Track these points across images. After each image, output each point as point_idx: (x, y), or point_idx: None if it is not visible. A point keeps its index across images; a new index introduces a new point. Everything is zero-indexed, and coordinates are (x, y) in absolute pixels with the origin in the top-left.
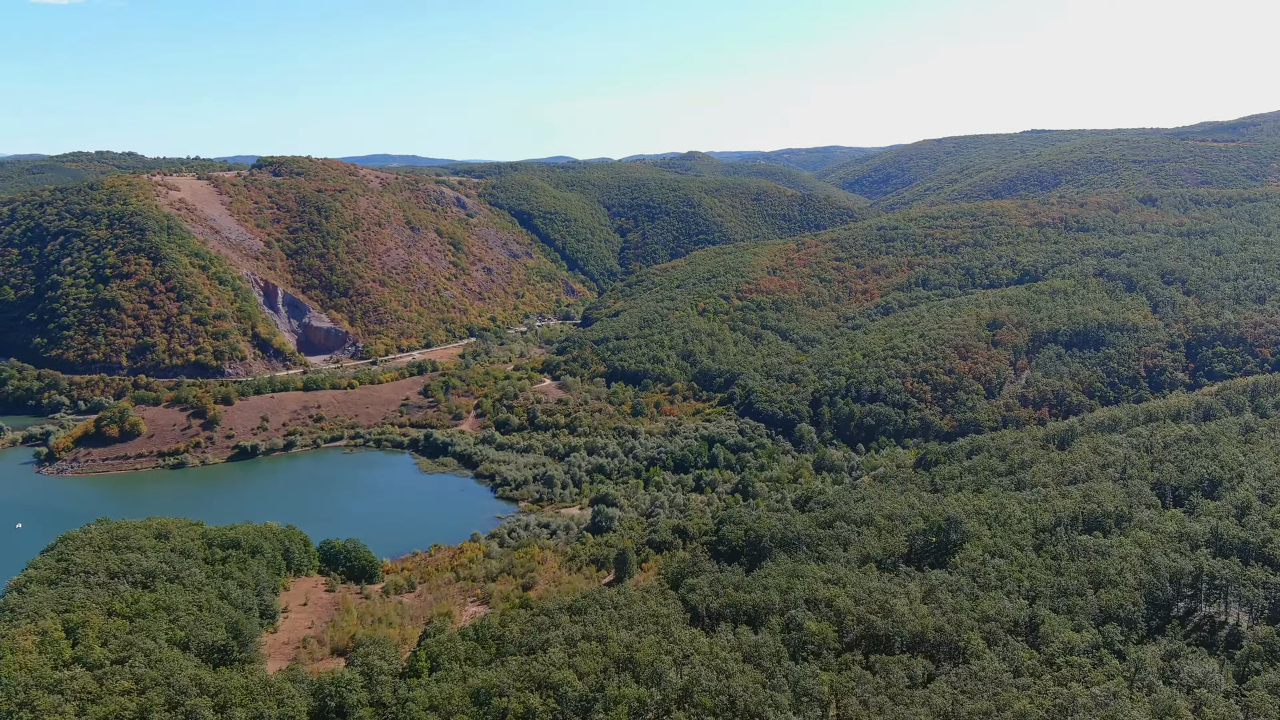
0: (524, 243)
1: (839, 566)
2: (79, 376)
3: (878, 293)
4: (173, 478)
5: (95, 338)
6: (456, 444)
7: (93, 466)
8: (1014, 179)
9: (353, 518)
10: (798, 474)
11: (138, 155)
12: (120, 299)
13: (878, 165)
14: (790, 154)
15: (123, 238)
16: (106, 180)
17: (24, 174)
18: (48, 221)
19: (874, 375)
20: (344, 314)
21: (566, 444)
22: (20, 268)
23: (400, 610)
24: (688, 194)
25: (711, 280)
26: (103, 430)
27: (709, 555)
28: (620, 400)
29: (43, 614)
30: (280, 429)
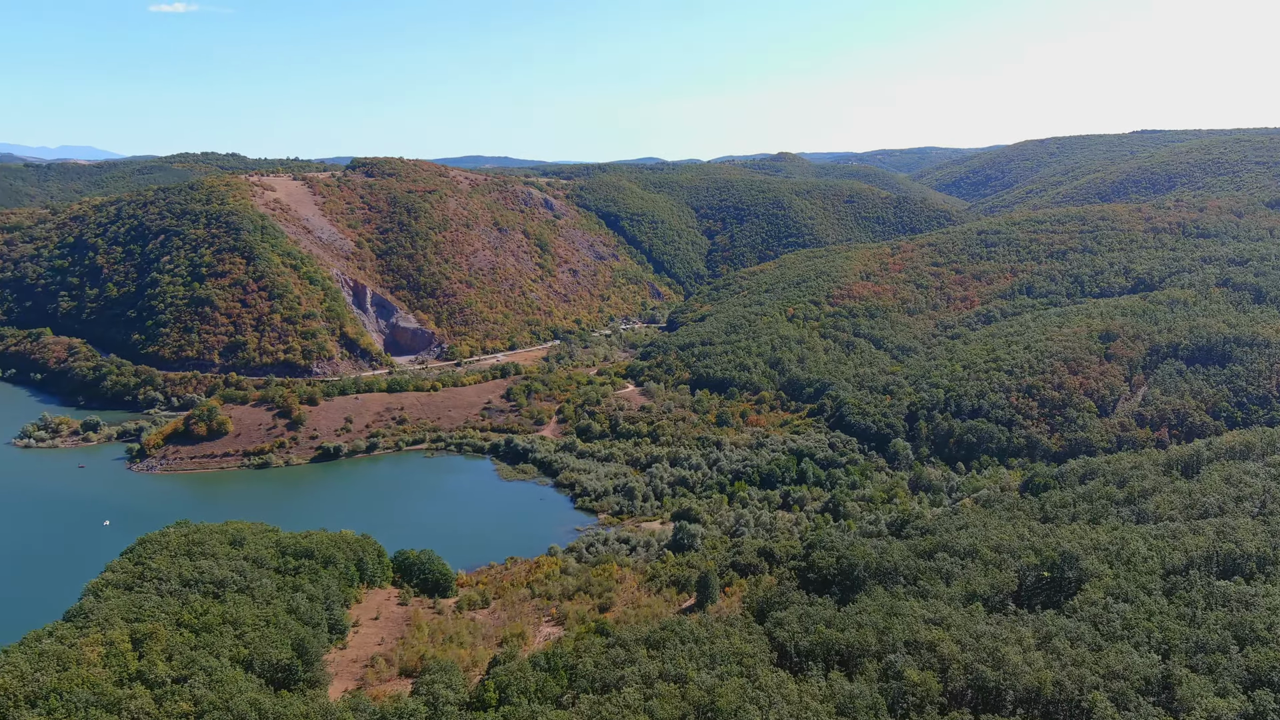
0: (610, 244)
1: (941, 604)
2: (173, 373)
3: (978, 300)
4: (256, 478)
5: (190, 335)
6: (537, 450)
7: (180, 464)
8: (1124, 181)
9: (429, 526)
10: (892, 494)
11: (240, 156)
12: (214, 297)
13: (976, 167)
14: (884, 155)
15: (219, 237)
16: (206, 180)
17: (135, 174)
18: (150, 221)
19: (975, 389)
20: (430, 315)
21: (648, 454)
22: (123, 265)
23: (472, 628)
24: (777, 195)
25: (801, 285)
26: (191, 428)
27: (797, 583)
28: (705, 409)
29: (113, 622)
30: (363, 430)
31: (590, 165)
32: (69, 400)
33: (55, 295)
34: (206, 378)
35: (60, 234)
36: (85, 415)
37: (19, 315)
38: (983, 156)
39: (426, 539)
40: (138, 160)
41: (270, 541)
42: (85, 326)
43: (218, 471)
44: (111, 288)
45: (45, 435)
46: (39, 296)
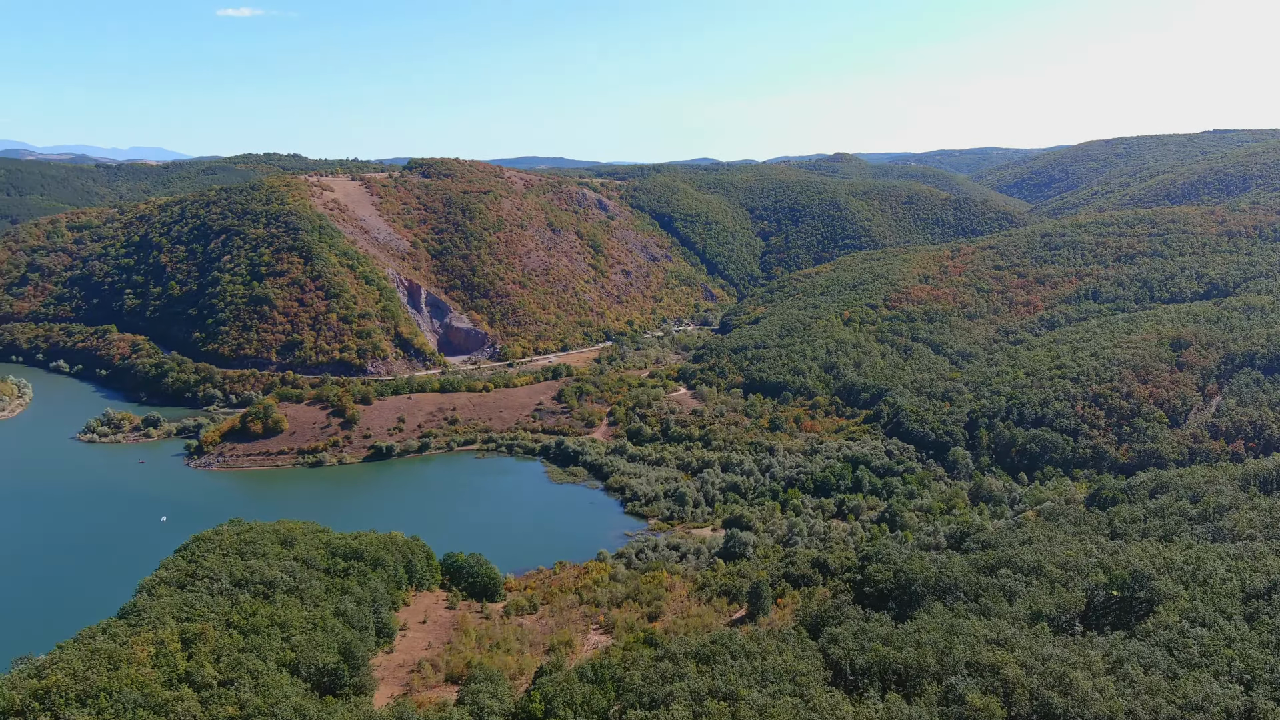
0: (663, 245)
1: (1005, 624)
2: (232, 371)
3: (1041, 305)
4: (309, 476)
5: (248, 334)
6: (587, 453)
7: (236, 461)
8: (1195, 183)
9: (478, 527)
10: (951, 504)
11: (301, 157)
12: (273, 296)
13: (1038, 168)
14: (943, 155)
15: (278, 236)
16: (267, 181)
17: (199, 175)
18: (212, 220)
19: (1038, 396)
20: (484, 315)
21: (700, 458)
22: (186, 264)
23: (520, 634)
24: (833, 196)
25: (858, 287)
26: (248, 426)
27: (852, 597)
28: (758, 413)
29: (164, 620)
30: (415, 430)
31: (644, 166)
32: (132, 396)
33: (121, 293)
34: (264, 376)
35: (126, 233)
36: (146, 411)
37: (87, 312)
38: (1045, 157)
39: (475, 541)
40: (203, 161)
41: (320, 542)
42: (149, 324)
43: (273, 469)
44: (174, 286)
45: (108, 431)
46: (105, 294)
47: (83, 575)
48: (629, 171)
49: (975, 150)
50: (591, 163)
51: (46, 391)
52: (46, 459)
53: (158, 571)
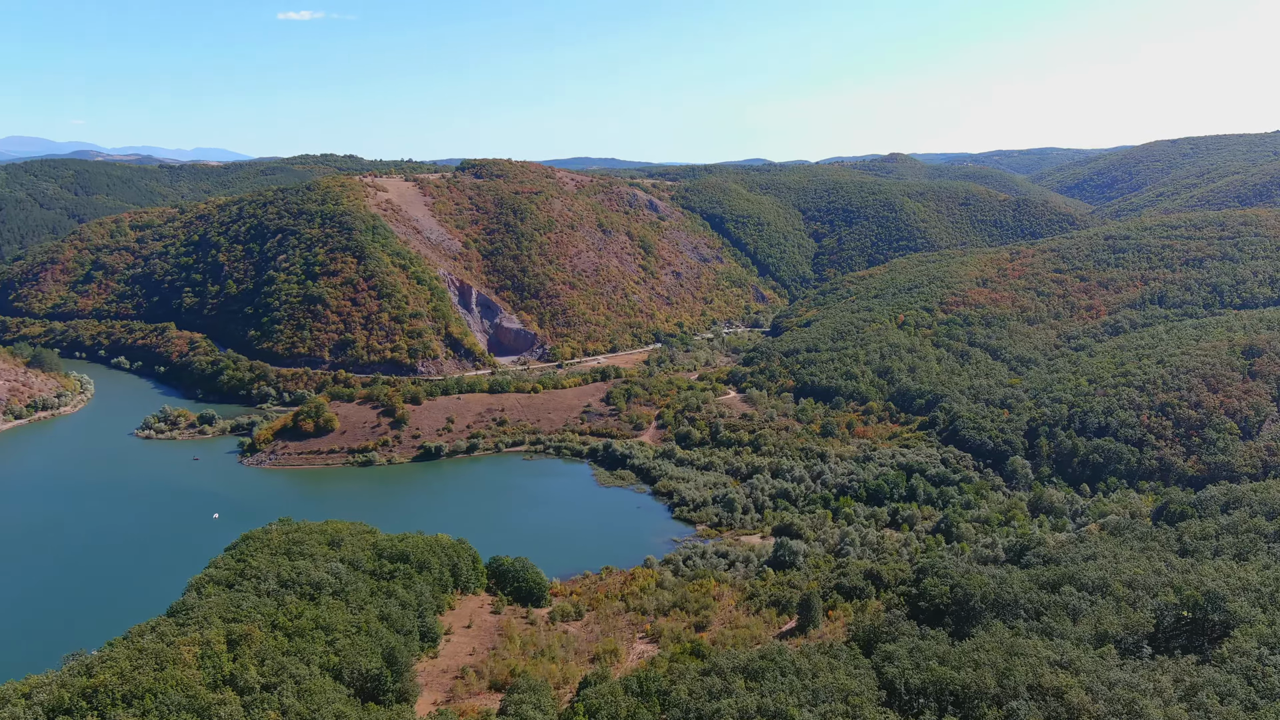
0: (714, 246)
1: (1068, 645)
2: (285, 369)
3: (1105, 310)
4: (359, 475)
5: (302, 332)
6: (635, 456)
7: (288, 460)
8: (1268, 184)
9: (524, 530)
10: (1010, 515)
11: (357, 158)
12: (326, 295)
13: (1100, 168)
14: (1000, 155)
15: (332, 236)
16: (322, 181)
17: (258, 175)
18: (269, 220)
19: (1102, 405)
20: (533, 315)
21: (749, 463)
22: (243, 263)
23: (565, 641)
24: (888, 197)
25: (913, 290)
26: (299, 425)
27: (906, 611)
28: (809, 418)
29: (211, 620)
30: (464, 431)
31: (696, 166)
32: (189, 393)
33: (180, 291)
34: (317, 374)
35: (186, 232)
36: (202, 408)
37: (147, 310)
38: (1108, 158)
39: (521, 544)
40: (262, 162)
41: (367, 544)
42: (206, 322)
43: (323, 468)
44: (231, 285)
45: (164, 427)
46: (165, 292)
47: (137, 570)
48: (680, 172)
49: (1034, 150)
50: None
51: (107, 387)
52: (106, 454)
53: (207, 570)
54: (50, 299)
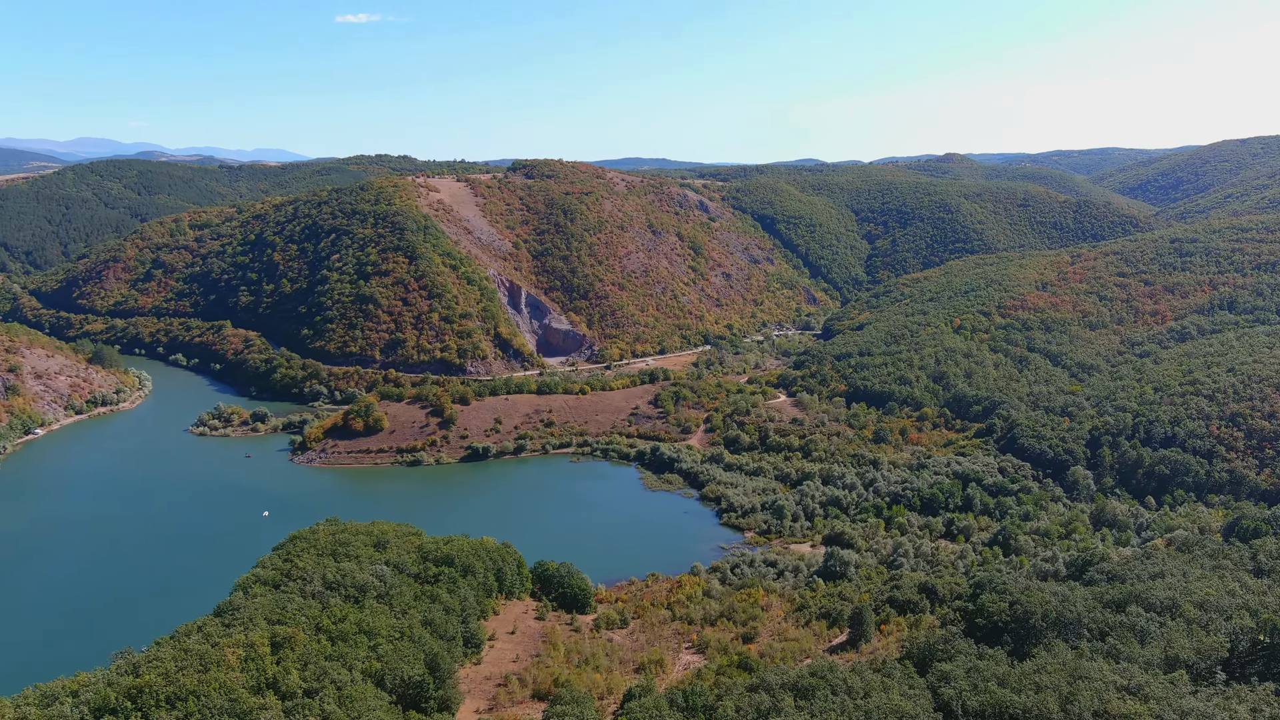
0: (765, 248)
1: (1136, 669)
2: (337, 368)
3: (1171, 315)
4: (406, 475)
5: (354, 331)
6: (683, 460)
7: (338, 458)
8: None
9: (570, 534)
10: (1071, 528)
11: (410, 158)
12: (378, 295)
13: (1164, 169)
14: (1060, 156)
15: (384, 236)
16: (375, 182)
17: (314, 175)
18: (323, 220)
19: (1168, 414)
20: (582, 316)
21: (799, 469)
22: (297, 262)
23: (609, 650)
24: (944, 198)
25: (969, 294)
26: (349, 423)
27: (963, 628)
28: (861, 424)
29: (256, 622)
30: (512, 432)
31: (747, 167)
32: (243, 390)
33: (236, 289)
34: (367, 373)
35: (243, 231)
36: (255, 406)
37: (204, 308)
38: (1172, 158)
39: (567, 547)
40: (318, 162)
41: (413, 546)
42: (260, 320)
43: (372, 467)
44: (285, 284)
45: (218, 424)
46: (222, 290)
47: (188, 566)
48: (731, 172)
49: (1095, 151)
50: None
51: (164, 384)
52: (161, 450)
53: (254, 570)
54: (112, 296)
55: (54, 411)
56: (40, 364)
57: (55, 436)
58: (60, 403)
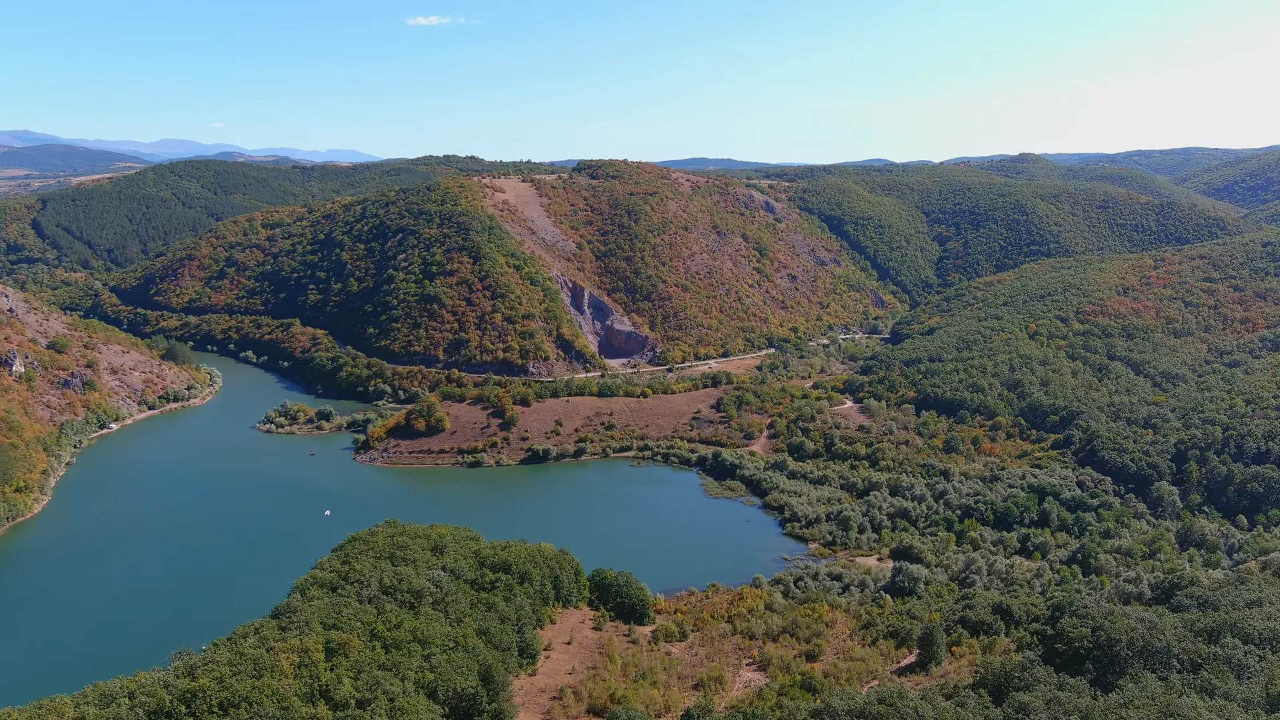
0: (832, 249)
1: (1234, 707)
2: (401, 368)
3: (1263, 323)
4: (466, 476)
5: (418, 331)
6: (745, 467)
7: (400, 458)
8: None
9: (629, 540)
10: (1155, 548)
11: (478, 159)
12: (442, 295)
13: (1254, 169)
14: (1140, 156)
15: (450, 236)
16: (442, 182)
17: (384, 175)
18: (390, 220)
19: (1262, 428)
20: (645, 318)
21: (866, 479)
22: (364, 262)
23: (668, 664)
24: (1018, 199)
25: (1046, 299)
26: (411, 423)
27: (1041, 653)
28: (931, 433)
29: (312, 626)
30: (572, 434)
31: (814, 167)
32: (309, 388)
33: (305, 288)
34: (430, 373)
35: (313, 231)
36: (321, 404)
37: (275, 306)
38: (1262, 158)
39: (625, 554)
40: (388, 163)
41: (470, 551)
42: (328, 319)
43: (433, 467)
44: (353, 283)
45: (284, 422)
46: (291, 289)
47: (251, 564)
48: (798, 173)
49: (1177, 150)
50: (760, 164)
51: (234, 380)
52: (228, 447)
53: (313, 571)
54: (187, 294)
55: (128, 406)
56: (116, 360)
57: (128, 431)
58: (134, 398)
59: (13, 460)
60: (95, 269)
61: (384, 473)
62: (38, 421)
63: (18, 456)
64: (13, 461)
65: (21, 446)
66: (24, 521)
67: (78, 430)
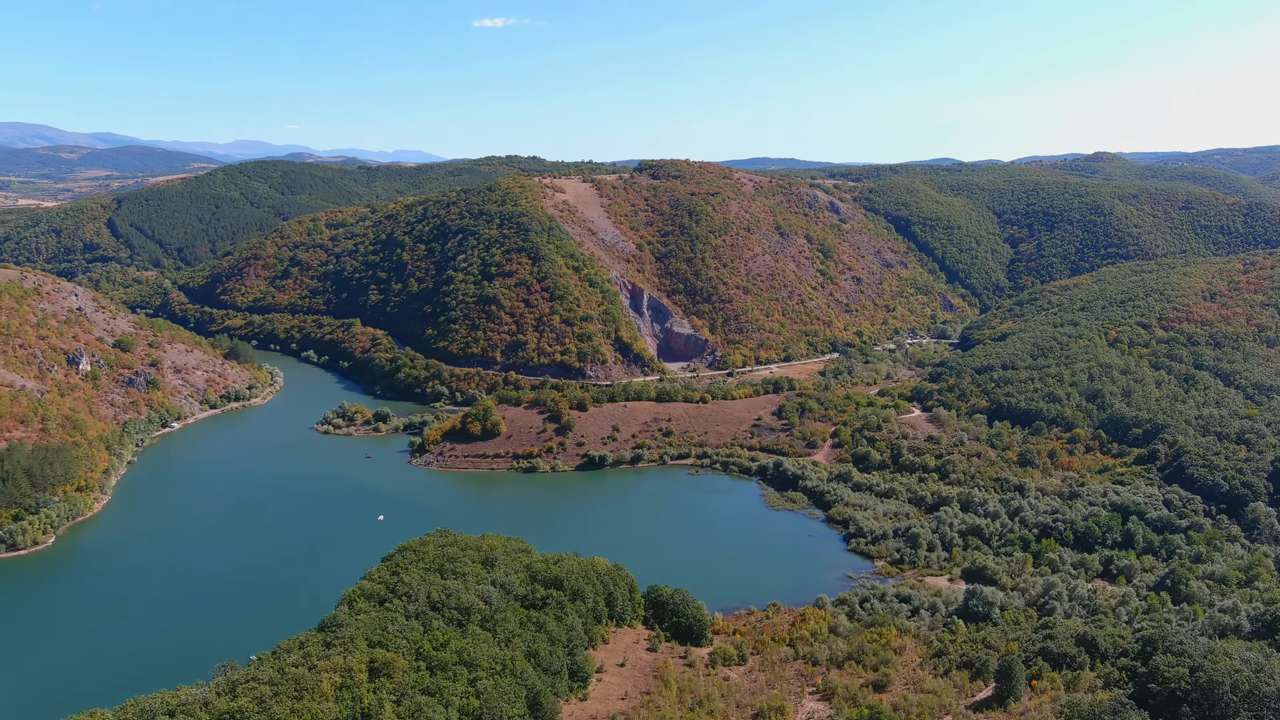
0: (899, 251)
1: None
2: (458, 369)
3: None
4: (521, 482)
5: (476, 332)
6: (808, 478)
7: (455, 462)
8: None
9: (686, 554)
10: (1252, 574)
11: (540, 159)
12: (500, 296)
13: None
14: (1222, 154)
15: (509, 237)
16: (502, 183)
17: (446, 176)
18: (450, 220)
19: None
20: (705, 321)
21: (935, 493)
22: (425, 262)
23: (725, 691)
24: (1095, 199)
25: (1126, 304)
26: (467, 427)
27: (1130, 692)
28: (1004, 444)
29: (357, 643)
30: (629, 440)
31: (880, 166)
32: (368, 389)
33: (366, 288)
34: (488, 375)
35: (375, 231)
36: (379, 404)
37: (337, 305)
38: None
39: (682, 569)
40: (452, 163)
41: (521, 564)
42: (388, 319)
43: (488, 472)
44: (413, 283)
45: (341, 423)
46: (353, 288)
47: (303, 569)
48: (863, 172)
49: (1264, 149)
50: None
51: (295, 379)
52: (287, 447)
53: (361, 582)
54: (252, 293)
55: (190, 405)
56: (180, 359)
57: (190, 430)
58: (196, 397)
59: (75, 459)
60: (166, 267)
61: (438, 477)
62: (101, 420)
63: (80, 455)
64: (75, 460)
65: (85, 445)
66: (84, 520)
67: (140, 429)
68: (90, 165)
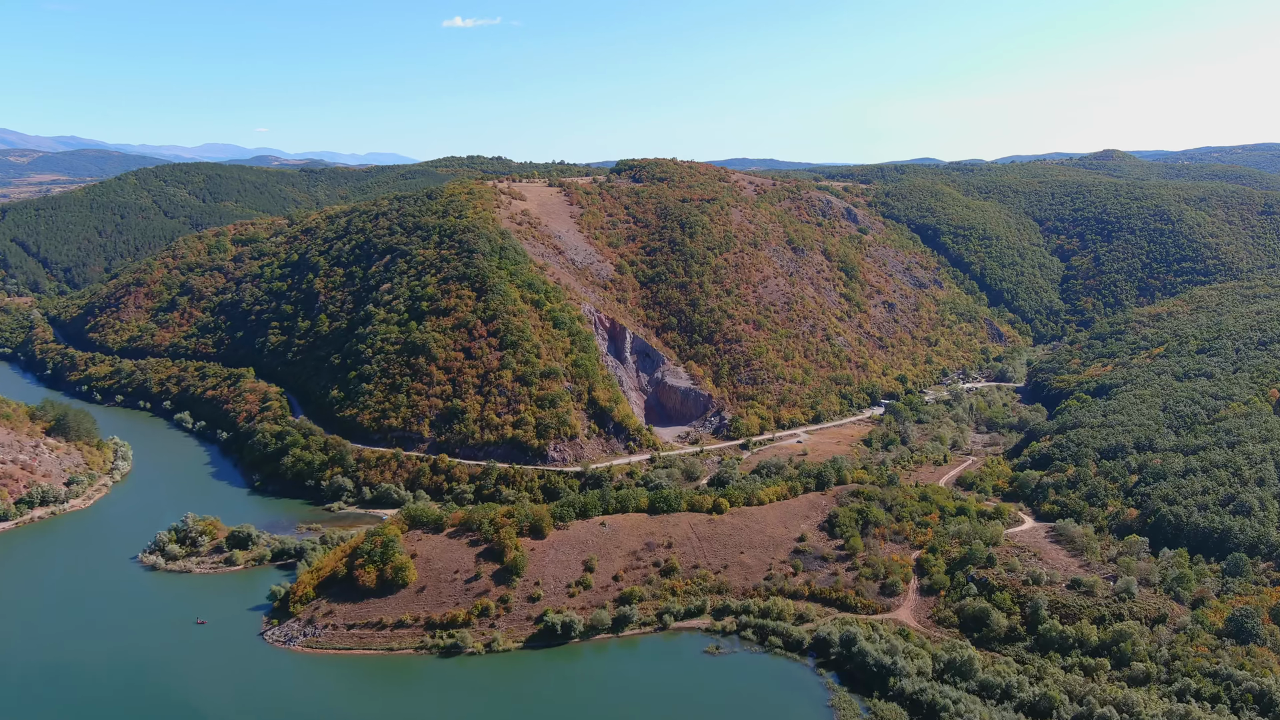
0: (929, 267)
1: None
2: (370, 450)
3: None
4: (436, 673)
5: (397, 395)
6: (900, 671)
7: (332, 635)
8: None
9: None
10: None
11: (505, 160)
12: (431, 344)
13: None
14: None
15: (449, 260)
16: (446, 188)
17: (397, 179)
18: (378, 237)
19: None
20: (706, 367)
21: (1118, 700)
22: (340, 292)
23: None
24: (1158, 204)
25: (1272, 346)
26: (356, 574)
27: None
28: (1187, 590)
29: None
30: (609, 586)
31: (884, 166)
32: (246, 476)
33: (266, 325)
34: (410, 459)
35: (289, 249)
36: (251, 503)
37: (229, 347)
38: None
39: None
40: (405, 165)
41: None
42: (289, 369)
43: (383, 654)
44: (324, 320)
45: (179, 551)
46: (251, 326)
47: None
48: (867, 173)
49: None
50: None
51: (153, 458)
52: (80, 600)
53: None
54: (128, 330)
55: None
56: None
57: None
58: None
59: None
60: (47, 292)
61: (305, 663)
62: None
63: None
64: None
65: None
66: None
67: None
68: (41, 169)
